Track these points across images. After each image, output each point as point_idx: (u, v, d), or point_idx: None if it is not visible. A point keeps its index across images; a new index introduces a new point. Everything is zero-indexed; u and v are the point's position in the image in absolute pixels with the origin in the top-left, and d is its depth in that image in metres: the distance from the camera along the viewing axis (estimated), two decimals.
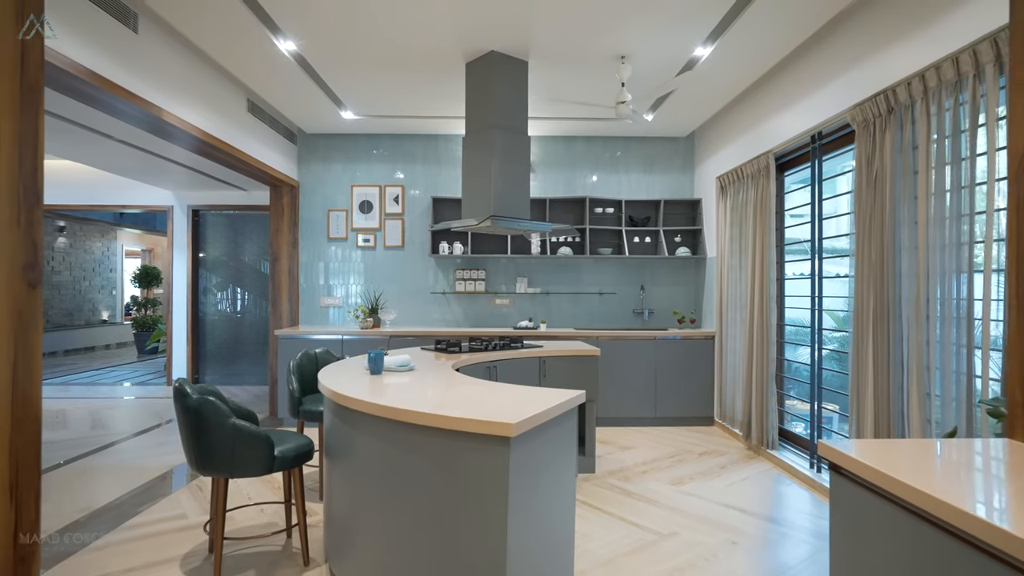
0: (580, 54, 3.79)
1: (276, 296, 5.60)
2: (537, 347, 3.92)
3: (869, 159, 3.02)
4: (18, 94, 1.43)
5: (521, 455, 1.79)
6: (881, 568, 1.25)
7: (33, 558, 1.47)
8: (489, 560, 1.75)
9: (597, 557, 2.62)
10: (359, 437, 2.14)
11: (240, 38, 3.57)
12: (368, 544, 2.10)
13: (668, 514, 3.13)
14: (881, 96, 2.90)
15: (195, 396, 2.34)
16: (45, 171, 1.52)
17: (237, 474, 2.37)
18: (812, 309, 3.74)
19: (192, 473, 3.79)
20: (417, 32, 3.48)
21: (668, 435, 4.82)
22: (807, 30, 3.50)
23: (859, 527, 1.36)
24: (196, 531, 2.89)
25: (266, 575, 2.45)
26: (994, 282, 2.28)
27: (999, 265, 2.29)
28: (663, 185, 5.77)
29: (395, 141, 5.72)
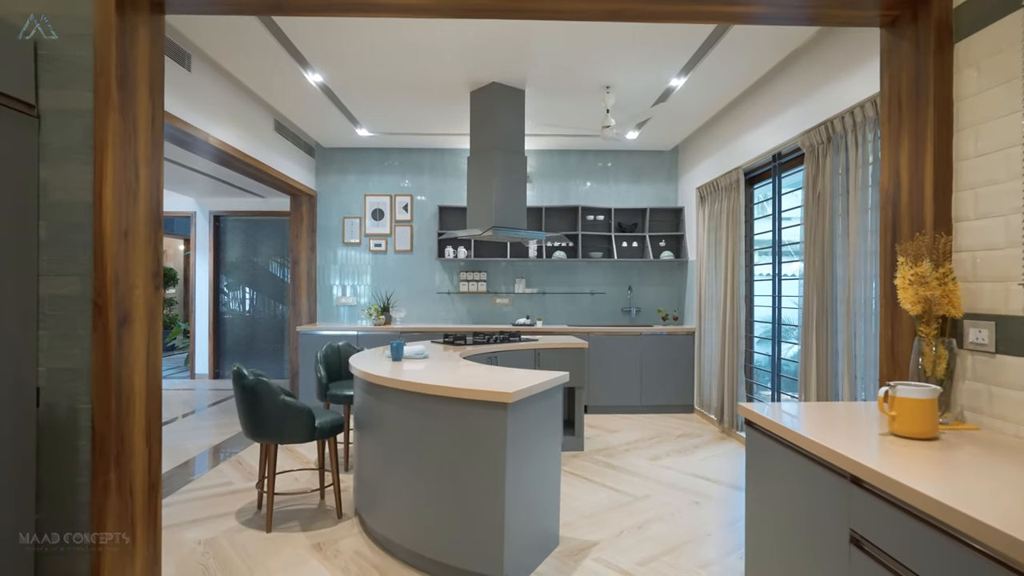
0: (570, 84, 4.32)
1: (296, 296, 6.14)
2: (533, 341, 4.45)
3: (814, 179, 3.55)
4: (150, 147, 1.96)
5: (516, 418, 2.32)
6: (775, 486, 1.79)
7: (159, 487, 2.01)
8: (490, 504, 2.28)
9: (581, 512, 3.15)
10: (386, 408, 2.67)
11: (274, 71, 4.10)
12: (391, 497, 2.63)
13: (644, 482, 3.66)
14: (823, 126, 3.43)
15: (251, 378, 2.87)
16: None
17: (284, 441, 2.91)
18: (772, 307, 4.27)
19: (227, 450, 4.32)
20: (428, 68, 4.01)
21: (651, 421, 5.35)
22: (766, 65, 4.02)
23: (760, 462, 1.90)
24: (243, 494, 3.42)
25: (308, 525, 2.98)
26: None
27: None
28: (649, 194, 6.31)
29: (405, 154, 6.26)
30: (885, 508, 1.28)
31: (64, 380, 1.76)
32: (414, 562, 2.52)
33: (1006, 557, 0.97)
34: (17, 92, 1.67)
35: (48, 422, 1.75)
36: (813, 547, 1.58)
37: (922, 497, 1.15)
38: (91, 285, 1.77)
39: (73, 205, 1.77)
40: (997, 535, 0.98)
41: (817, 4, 1.98)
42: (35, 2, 1.74)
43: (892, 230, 2.04)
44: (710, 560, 2.60)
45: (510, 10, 2.01)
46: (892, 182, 2.04)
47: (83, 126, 1.78)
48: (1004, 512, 1.05)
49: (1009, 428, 1.62)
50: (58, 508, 1.75)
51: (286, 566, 2.53)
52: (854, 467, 1.38)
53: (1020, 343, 1.59)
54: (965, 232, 1.79)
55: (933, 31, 1.84)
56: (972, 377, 1.75)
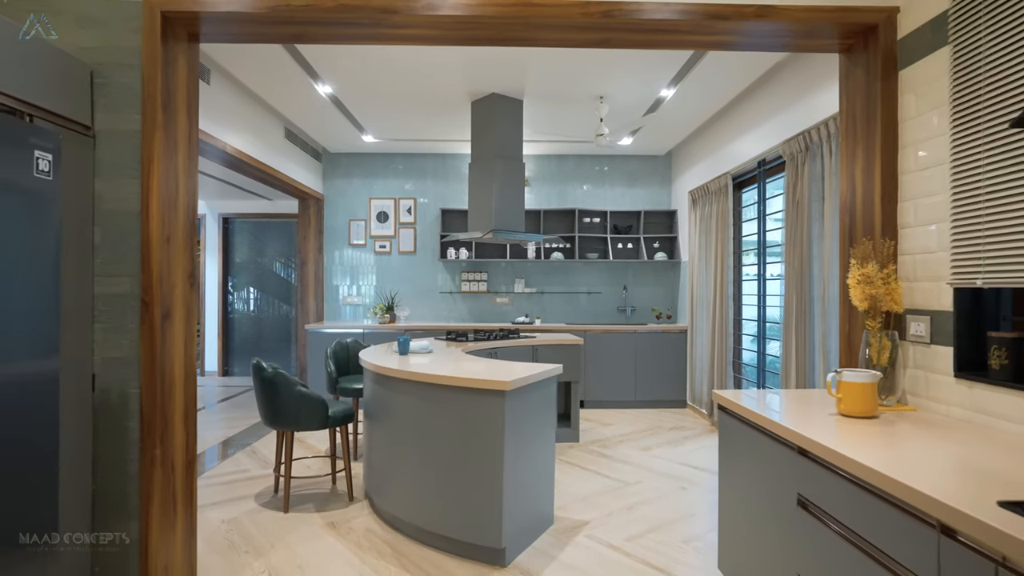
0: (566, 95, 4.56)
1: (303, 295, 6.38)
2: (531, 338, 4.69)
3: (794, 185, 3.79)
4: (188, 162, 2.20)
5: (513, 405, 2.56)
6: (740, 460, 2.03)
7: (195, 464, 2.25)
8: (490, 484, 2.53)
9: (575, 496, 3.39)
10: (394, 398, 2.91)
11: (286, 82, 4.35)
12: (399, 479, 2.87)
13: (635, 470, 3.90)
14: (802, 135, 3.67)
15: (270, 370, 3.12)
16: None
17: (300, 428, 3.15)
18: (758, 306, 4.51)
19: (241, 441, 4.57)
20: (432, 79, 4.25)
21: (645, 415, 5.59)
22: (750, 77, 4.26)
23: (730, 440, 2.14)
24: (259, 480, 3.67)
25: (322, 507, 3.23)
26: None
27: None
28: (644, 198, 6.55)
29: (408, 159, 6.51)
30: (825, 474, 1.52)
31: (116, 368, 2.01)
32: (420, 538, 2.77)
33: (915, 508, 1.20)
34: (78, 116, 1.92)
35: (102, 405, 2.00)
36: (769, 510, 1.83)
37: (852, 462, 1.39)
38: (139, 284, 2.02)
39: (123, 214, 2.02)
40: (908, 491, 1.21)
41: (785, 34, 2.22)
42: (92, 38, 1.99)
43: (849, 235, 2.28)
44: (692, 536, 2.84)
45: (508, 39, 2.25)
46: (849, 191, 2.29)
47: (132, 144, 2.02)
48: (917, 474, 1.29)
49: (941, 408, 1.87)
50: (110, 479, 2.00)
51: (304, 541, 2.77)
52: (801, 440, 1.63)
53: (948, 334, 1.83)
54: (908, 237, 2.03)
55: (881, 59, 2.08)
56: (913, 365, 2.00)
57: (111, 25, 2.01)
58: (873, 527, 1.32)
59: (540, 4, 2.05)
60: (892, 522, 1.26)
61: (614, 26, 2.12)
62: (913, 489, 1.18)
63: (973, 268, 1.71)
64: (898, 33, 2.08)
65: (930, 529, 1.15)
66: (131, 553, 2.00)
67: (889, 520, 1.27)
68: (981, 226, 1.68)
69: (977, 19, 1.70)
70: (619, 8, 2.06)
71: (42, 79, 1.76)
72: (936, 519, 1.13)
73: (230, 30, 2.19)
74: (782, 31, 2.19)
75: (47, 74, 1.79)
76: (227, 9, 2.03)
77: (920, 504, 1.16)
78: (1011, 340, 1.62)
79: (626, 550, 2.69)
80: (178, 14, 2.04)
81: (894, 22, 2.08)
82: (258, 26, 2.16)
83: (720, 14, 2.08)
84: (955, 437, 1.59)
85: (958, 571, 1.08)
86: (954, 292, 1.81)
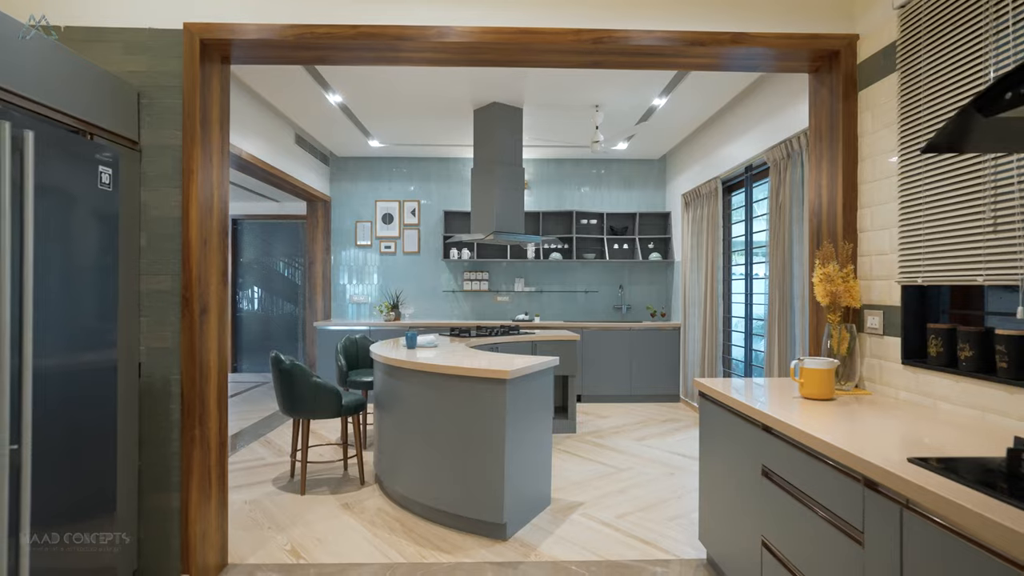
0: (563, 104, 4.81)
1: (312, 294, 6.63)
2: (530, 334, 4.94)
3: (777, 190, 4.03)
4: (221, 172, 2.44)
5: (514, 393, 2.81)
6: (717, 438, 2.28)
7: (227, 443, 2.50)
8: (492, 464, 2.77)
9: (571, 480, 3.64)
10: (404, 387, 3.16)
11: (298, 92, 4.59)
12: (408, 463, 3.11)
13: (627, 458, 4.14)
14: (784, 144, 3.91)
15: (288, 362, 3.36)
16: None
17: (316, 416, 3.40)
18: (745, 304, 4.76)
19: (256, 432, 4.81)
20: (436, 90, 4.50)
21: (640, 408, 5.83)
22: (737, 88, 4.51)
23: (708, 422, 2.39)
24: (275, 467, 3.91)
25: (336, 490, 3.47)
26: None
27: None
28: (639, 200, 6.79)
29: (412, 163, 6.75)
30: (784, 447, 1.77)
31: (159, 357, 2.25)
32: (428, 515, 3.01)
33: (847, 467, 1.45)
34: (128, 133, 2.16)
35: (147, 390, 2.24)
36: (739, 480, 2.07)
37: (803, 434, 1.63)
38: (179, 282, 2.26)
39: (165, 220, 2.26)
40: (842, 453, 1.46)
41: (758, 58, 2.46)
42: (139, 63, 2.23)
43: (816, 237, 2.52)
44: (678, 515, 3.09)
45: (510, 62, 2.50)
46: (816, 198, 2.53)
47: (173, 157, 2.27)
48: (852, 442, 1.54)
49: (892, 392, 2.11)
50: (154, 455, 2.24)
51: (321, 519, 3.02)
52: (765, 418, 1.87)
53: (897, 327, 2.08)
54: (866, 240, 2.28)
55: (842, 81, 2.33)
56: (869, 354, 2.24)
57: (155, 52, 2.25)
58: (818, 487, 1.57)
59: (538, 32, 2.30)
60: (831, 481, 1.50)
61: (604, 51, 2.37)
62: (845, 451, 1.42)
63: (916, 268, 1.95)
64: (857, 58, 2.32)
65: (857, 483, 1.39)
66: (172, 520, 2.25)
67: (830, 480, 1.51)
68: (921, 232, 1.92)
69: (918, 50, 1.94)
70: (609, 35, 2.30)
71: (99, 102, 2.01)
72: (861, 474, 1.38)
73: (259, 54, 2.44)
74: (755, 55, 2.43)
75: (103, 97, 2.03)
76: (257, 36, 2.28)
77: (850, 463, 1.40)
78: (945, 331, 1.86)
79: (617, 526, 2.93)
80: (214, 41, 2.28)
81: (854, 48, 2.33)
82: (284, 51, 2.40)
83: (699, 40, 2.32)
84: (896, 415, 1.83)
85: (876, 515, 1.32)
86: (902, 289, 2.06)
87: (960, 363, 1.79)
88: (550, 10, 2.32)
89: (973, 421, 1.71)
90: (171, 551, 2.25)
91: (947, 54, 1.81)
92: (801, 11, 2.35)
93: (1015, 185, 1.57)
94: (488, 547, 2.70)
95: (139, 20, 2.25)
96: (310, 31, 2.28)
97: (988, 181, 1.65)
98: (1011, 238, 1.58)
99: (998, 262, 1.62)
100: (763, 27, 2.34)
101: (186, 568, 2.24)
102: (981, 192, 1.68)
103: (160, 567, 2.24)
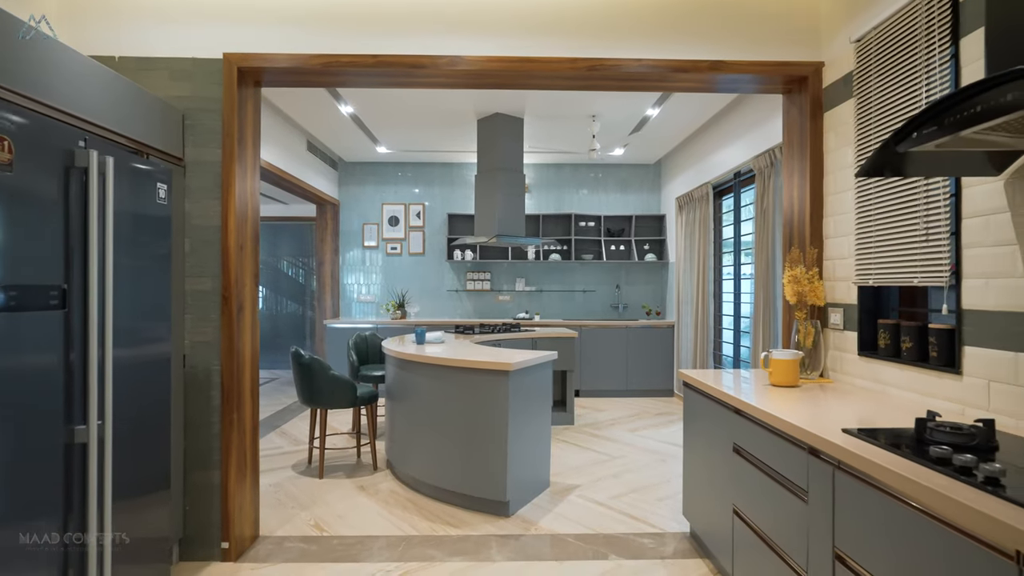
0: (562, 114, 5.08)
1: (321, 293, 6.91)
2: (531, 331, 5.22)
3: (762, 196, 4.31)
4: (254, 184, 2.72)
5: (516, 383, 3.09)
6: (698, 422, 2.56)
7: (258, 428, 2.78)
8: (496, 448, 3.05)
9: (569, 466, 3.92)
10: (414, 379, 3.44)
11: (312, 104, 4.87)
12: (418, 448, 3.39)
13: (622, 447, 4.43)
14: (768, 153, 4.19)
15: (307, 357, 3.65)
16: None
17: (333, 406, 3.68)
18: (734, 303, 5.04)
19: (271, 424, 5.10)
20: (443, 102, 4.77)
21: (635, 402, 6.12)
22: (725, 99, 4.78)
23: (691, 408, 2.67)
24: (293, 454, 4.20)
25: (351, 474, 3.75)
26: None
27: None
28: (635, 203, 7.07)
29: (418, 168, 7.03)
30: (751, 426, 2.05)
31: (201, 350, 2.54)
32: (437, 495, 3.29)
33: (797, 439, 1.73)
34: (174, 151, 2.44)
35: (191, 379, 2.52)
36: (715, 457, 2.36)
37: (765, 413, 1.92)
38: (219, 283, 2.54)
39: (206, 228, 2.54)
40: (792, 427, 1.74)
41: (735, 82, 2.73)
42: (183, 88, 2.51)
43: (789, 242, 2.80)
44: (666, 496, 3.37)
45: (512, 85, 2.77)
46: (790, 207, 2.81)
47: (213, 172, 2.55)
48: (803, 419, 1.82)
49: (850, 380, 2.39)
50: (197, 437, 2.53)
51: (340, 499, 3.30)
52: (736, 402, 2.15)
53: (855, 322, 2.36)
54: (830, 246, 2.55)
55: (810, 103, 2.61)
56: (832, 347, 2.52)
57: (198, 78, 2.53)
58: (776, 458, 1.85)
59: (537, 60, 2.58)
60: (785, 451, 1.78)
61: (597, 76, 2.65)
62: (795, 426, 1.70)
63: (868, 271, 2.23)
64: (823, 83, 2.60)
65: (803, 451, 1.67)
66: (213, 495, 2.53)
67: (784, 451, 1.79)
68: (873, 239, 2.20)
69: (870, 79, 2.22)
70: (600, 63, 2.58)
71: (152, 124, 2.29)
72: (807, 444, 1.66)
73: (288, 79, 2.72)
74: (734, 79, 2.71)
75: (155, 120, 2.31)
76: (287, 65, 2.56)
77: (798, 435, 1.69)
78: (891, 325, 2.14)
79: (610, 505, 3.22)
80: (250, 68, 2.56)
81: (820, 74, 2.61)
82: (310, 76, 2.68)
83: (681, 68, 2.60)
84: (849, 399, 2.11)
85: (817, 476, 1.60)
86: (858, 289, 2.34)
87: (903, 353, 2.07)
88: (549, 41, 2.59)
89: (911, 402, 1.99)
90: (212, 522, 2.53)
91: (891, 84, 2.09)
92: (774, 40, 2.63)
93: (940, 203, 1.85)
94: (492, 523, 2.98)
95: (183, 51, 2.53)
96: (335, 60, 2.56)
97: (921, 199, 1.93)
98: (939, 246, 1.86)
99: (930, 266, 1.90)
100: (739, 55, 2.62)
101: (225, 537, 2.52)
102: (916, 208, 1.96)
103: (203, 536, 2.52)
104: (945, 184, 1.83)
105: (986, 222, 1.70)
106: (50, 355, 1.63)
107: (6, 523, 1.49)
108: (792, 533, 1.73)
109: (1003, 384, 1.65)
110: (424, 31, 2.58)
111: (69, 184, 1.69)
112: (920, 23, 1.94)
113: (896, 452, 1.37)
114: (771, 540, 1.87)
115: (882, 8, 2.18)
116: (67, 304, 1.68)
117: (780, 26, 2.63)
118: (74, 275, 1.70)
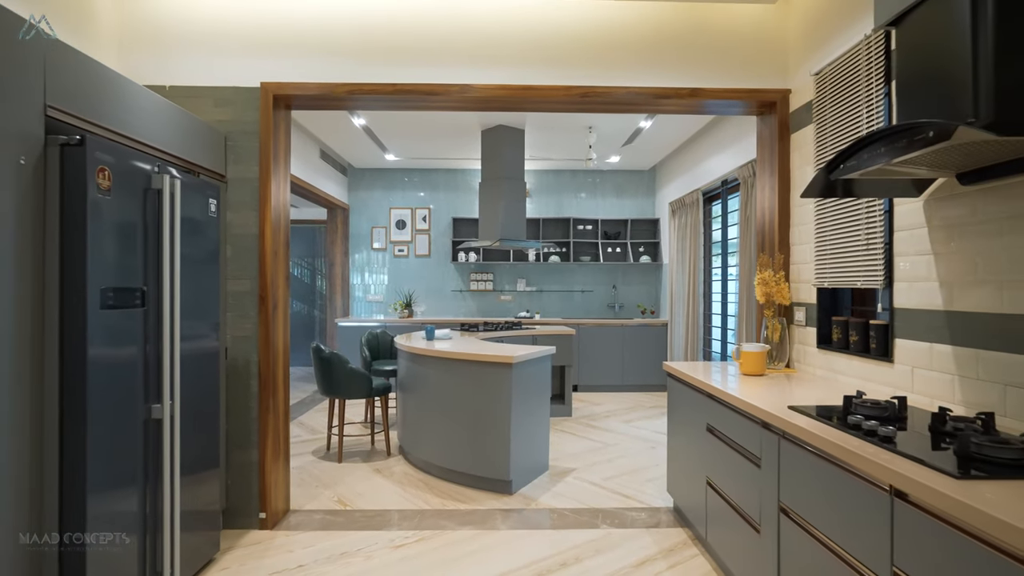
0: (560, 125, 5.42)
1: (332, 293, 7.25)
2: (532, 329, 5.56)
3: (746, 203, 4.65)
4: (286, 197, 3.06)
5: (518, 375, 3.43)
6: (679, 409, 2.90)
7: (288, 413, 3.12)
8: (499, 433, 3.39)
9: (566, 453, 4.26)
10: (425, 371, 3.78)
11: (327, 117, 5.21)
12: (428, 434, 3.73)
13: (616, 436, 4.77)
14: (750, 163, 4.52)
15: (327, 352, 3.99)
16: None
17: (351, 397, 4.02)
18: (722, 303, 5.38)
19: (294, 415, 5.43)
20: (450, 117, 5.11)
21: (630, 396, 6.46)
22: None
23: (674, 396, 3.01)
24: (312, 442, 4.54)
25: (367, 459, 4.10)
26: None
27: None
28: (631, 207, 7.41)
29: (424, 174, 7.38)
30: (721, 408, 2.39)
31: (241, 343, 2.88)
32: (446, 476, 3.64)
33: (754, 416, 2.07)
34: (219, 169, 2.79)
35: (232, 369, 2.87)
36: (692, 437, 2.70)
37: (731, 396, 2.26)
38: (256, 284, 2.88)
39: (245, 236, 2.88)
40: (750, 407, 2.09)
41: (712, 106, 3.07)
42: (225, 113, 2.86)
43: (761, 248, 3.14)
44: (654, 478, 3.71)
45: (514, 108, 3.11)
46: (762, 216, 3.15)
47: (251, 187, 2.89)
48: (761, 401, 2.16)
49: (810, 370, 2.73)
50: (238, 421, 2.87)
51: (358, 480, 3.64)
52: (710, 388, 2.49)
53: (814, 319, 2.70)
54: (795, 252, 2.89)
55: (778, 125, 2.95)
56: (797, 341, 2.86)
57: (238, 105, 2.87)
58: (739, 433, 2.19)
59: (537, 88, 2.92)
60: (746, 428, 2.12)
61: (589, 102, 2.99)
62: (751, 404, 2.04)
63: (824, 274, 2.57)
64: (790, 108, 2.94)
65: (757, 425, 2.01)
66: (252, 472, 2.87)
67: (745, 427, 2.13)
68: (827, 247, 2.54)
69: (826, 108, 2.56)
70: (592, 91, 2.92)
71: (201, 146, 2.63)
72: (760, 419, 2.00)
73: (315, 103, 3.06)
74: (712, 104, 3.05)
75: (203, 142, 2.66)
76: (317, 93, 2.90)
77: (754, 412, 2.03)
78: (842, 322, 2.48)
79: (603, 485, 3.56)
80: (283, 95, 2.90)
81: (787, 100, 2.94)
82: (335, 101, 3.03)
83: (664, 94, 2.94)
84: (806, 385, 2.45)
85: (767, 444, 1.94)
86: (817, 290, 2.68)
87: (851, 346, 2.41)
88: (546, 71, 2.94)
89: (855, 386, 2.33)
90: (251, 496, 2.87)
91: (842, 114, 2.43)
92: (747, 70, 2.97)
93: (877, 218, 2.19)
94: (497, 499, 3.33)
95: (225, 80, 2.87)
96: (358, 88, 2.90)
97: (863, 214, 2.27)
98: (876, 254, 2.20)
99: (869, 271, 2.24)
100: (717, 83, 2.96)
101: (263, 508, 2.87)
102: (859, 221, 2.30)
103: (242, 508, 2.87)
104: (881, 203, 2.17)
105: (911, 235, 2.04)
106: (135, 345, 1.97)
107: (105, 489, 1.83)
108: (749, 494, 2.07)
109: (922, 369, 1.99)
110: (438, 63, 2.92)
111: (146, 203, 2.03)
112: (861, 64, 2.28)
113: (825, 422, 1.71)
114: (734, 502, 2.21)
115: (835, 47, 2.52)
116: (146, 303, 2.02)
117: (752, 57, 2.97)
118: (150, 279, 2.05)
